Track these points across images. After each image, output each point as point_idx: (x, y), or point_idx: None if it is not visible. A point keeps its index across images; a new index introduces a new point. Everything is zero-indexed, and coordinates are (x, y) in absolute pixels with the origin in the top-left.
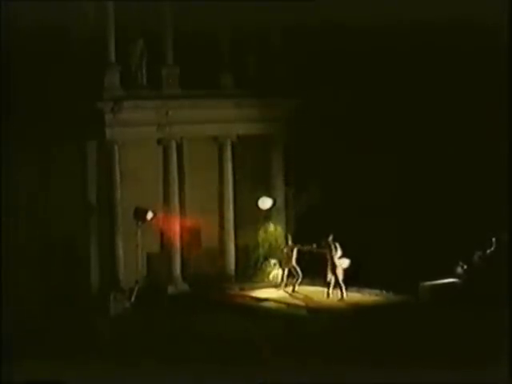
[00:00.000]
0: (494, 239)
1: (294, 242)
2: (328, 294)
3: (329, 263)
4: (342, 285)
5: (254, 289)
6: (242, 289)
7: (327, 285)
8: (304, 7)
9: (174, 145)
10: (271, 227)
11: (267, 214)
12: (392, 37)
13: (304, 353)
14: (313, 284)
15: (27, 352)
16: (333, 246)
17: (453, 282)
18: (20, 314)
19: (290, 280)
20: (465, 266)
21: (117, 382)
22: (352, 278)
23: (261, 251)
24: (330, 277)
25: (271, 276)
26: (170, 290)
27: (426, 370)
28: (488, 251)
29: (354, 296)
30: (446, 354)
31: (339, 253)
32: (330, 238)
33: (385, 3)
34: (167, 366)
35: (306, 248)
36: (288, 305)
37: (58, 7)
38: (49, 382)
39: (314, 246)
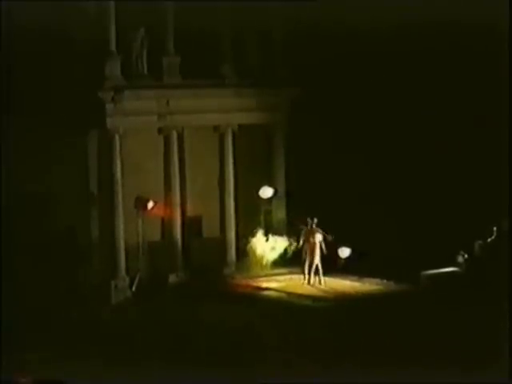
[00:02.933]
0: (494, 228)
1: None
2: (309, 279)
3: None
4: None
5: (258, 277)
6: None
7: (308, 269)
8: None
9: (174, 134)
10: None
11: (268, 203)
12: (392, 30)
13: (305, 342)
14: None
15: (28, 342)
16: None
17: (453, 271)
18: (21, 304)
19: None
20: (465, 255)
21: (117, 370)
22: (353, 267)
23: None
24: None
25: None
26: (171, 278)
27: (425, 359)
28: (489, 240)
29: (355, 285)
30: (445, 343)
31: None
32: (314, 222)
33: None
34: (168, 355)
35: (329, 237)
36: (289, 294)
37: None
38: (49, 381)
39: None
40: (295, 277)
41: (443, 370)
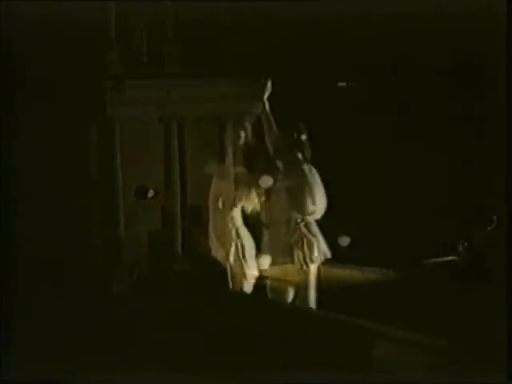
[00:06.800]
0: (494, 217)
1: None
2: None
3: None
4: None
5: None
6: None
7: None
8: None
9: (175, 123)
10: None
11: (268, 193)
12: (387, 21)
13: (303, 331)
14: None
15: (29, 331)
16: None
17: (453, 260)
18: (20, 293)
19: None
20: (465, 244)
21: (117, 361)
22: (352, 256)
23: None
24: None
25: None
26: (171, 268)
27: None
28: (489, 228)
29: (355, 274)
30: (444, 332)
31: None
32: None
33: None
34: (167, 345)
35: None
36: (287, 282)
37: None
38: (49, 381)
39: None
40: (294, 265)
41: (441, 370)
